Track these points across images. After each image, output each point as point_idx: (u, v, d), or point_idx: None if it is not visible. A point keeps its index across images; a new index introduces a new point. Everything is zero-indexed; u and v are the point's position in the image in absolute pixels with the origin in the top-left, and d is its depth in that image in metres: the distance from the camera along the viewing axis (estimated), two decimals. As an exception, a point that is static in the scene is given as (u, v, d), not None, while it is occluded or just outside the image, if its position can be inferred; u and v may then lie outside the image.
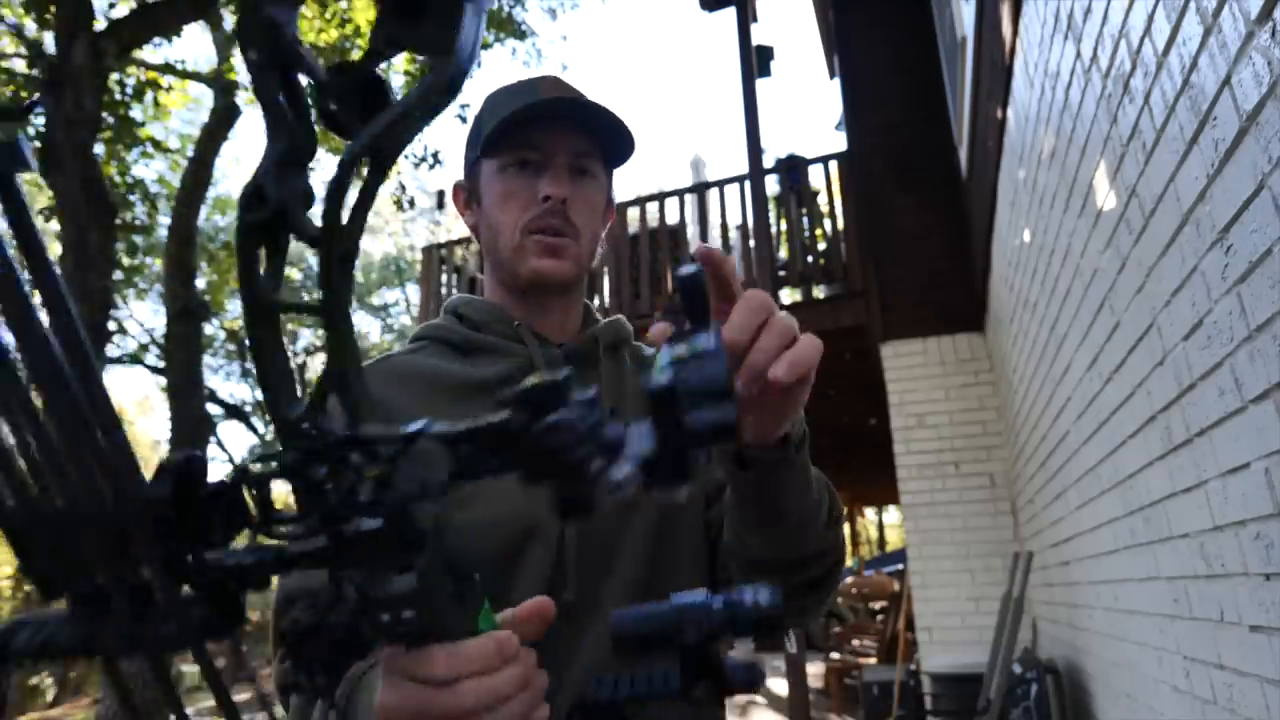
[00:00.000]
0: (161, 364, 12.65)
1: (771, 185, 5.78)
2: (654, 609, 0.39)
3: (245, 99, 8.45)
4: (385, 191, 9.98)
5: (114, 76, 7.05)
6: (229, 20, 8.37)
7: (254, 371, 0.32)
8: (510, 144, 0.82)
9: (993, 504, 4.53)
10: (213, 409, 14.08)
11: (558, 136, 0.82)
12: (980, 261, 4.42)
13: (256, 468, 0.30)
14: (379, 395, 0.76)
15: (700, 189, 5.94)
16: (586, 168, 0.84)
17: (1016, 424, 4.01)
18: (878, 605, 9.09)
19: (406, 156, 9.14)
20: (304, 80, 0.28)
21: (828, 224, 5.65)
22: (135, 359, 13.84)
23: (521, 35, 10.13)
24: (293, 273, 17.37)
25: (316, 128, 0.30)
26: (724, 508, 0.76)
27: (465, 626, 0.38)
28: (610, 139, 0.85)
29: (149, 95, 8.05)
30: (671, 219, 5.98)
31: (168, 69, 8.66)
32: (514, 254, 0.82)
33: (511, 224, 0.82)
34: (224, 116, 8.15)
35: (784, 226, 5.71)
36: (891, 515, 22.64)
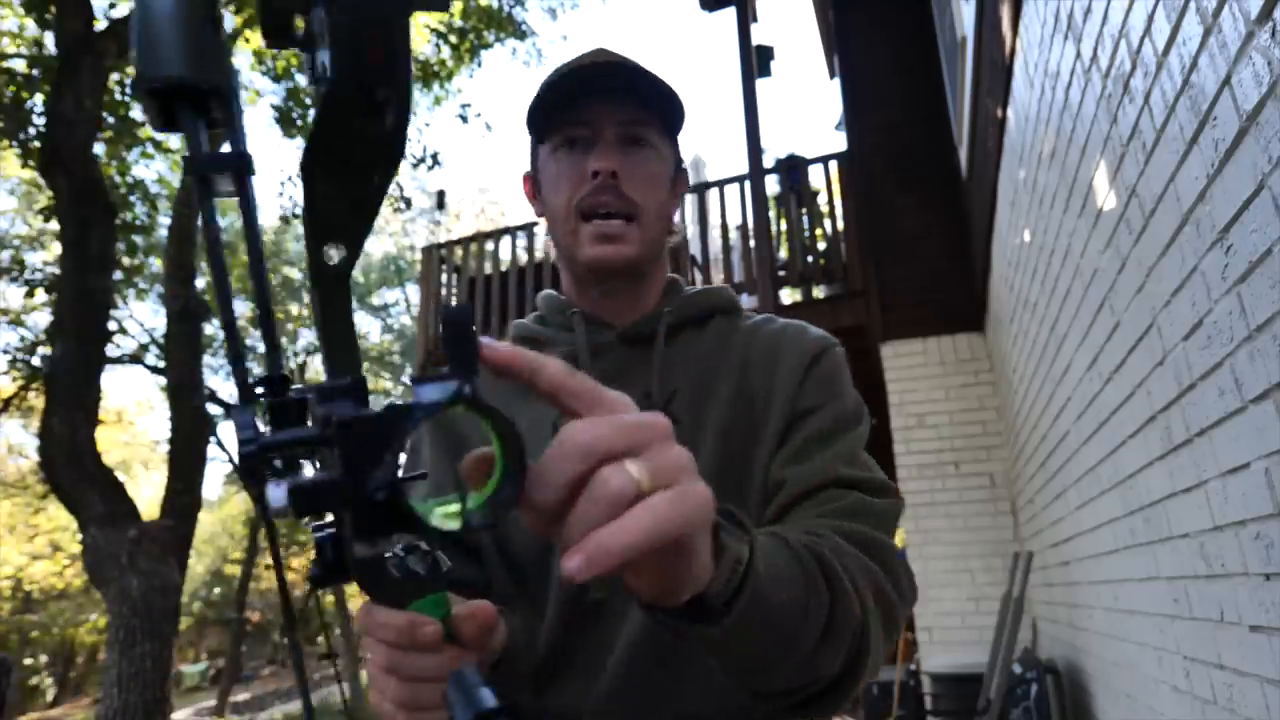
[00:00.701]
0: (161, 364, 12.65)
1: (771, 185, 5.78)
2: None
3: (245, 99, 8.45)
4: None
5: (114, 76, 7.04)
6: (229, 20, 8.36)
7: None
8: (559, 123, 0.78)
9: (993, 504, 4.53)
10: (213, 409, 14.08)
11: (603, 107, 0.76)
12: (980, 261, 4.42)
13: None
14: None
15: (700, 189, 5.94)
16: (640, 136, 0.78)
17: (1016, 424, 4.01)
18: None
19: (406, 157, 9.13)
20: None
21: (828, 224, 5.65)
22: (135, 359, 13.83)
23: (521, 35, 10.12)
24: (293, 273, 17.38)
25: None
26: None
27: (399, 600, 0.40)
28: (663, 104, 0.79)
29: (149, 95, 8.04)
30: (671, 219, 5.97)
31: (168, 69, 8.66)
32: (571, 238, 0.78)
33: (565, 205, 0.78)
34: (224, 116, 8.14)
35: (784, 226, 5.71)
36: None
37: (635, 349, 0.81)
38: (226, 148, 0.38)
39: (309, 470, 0.36)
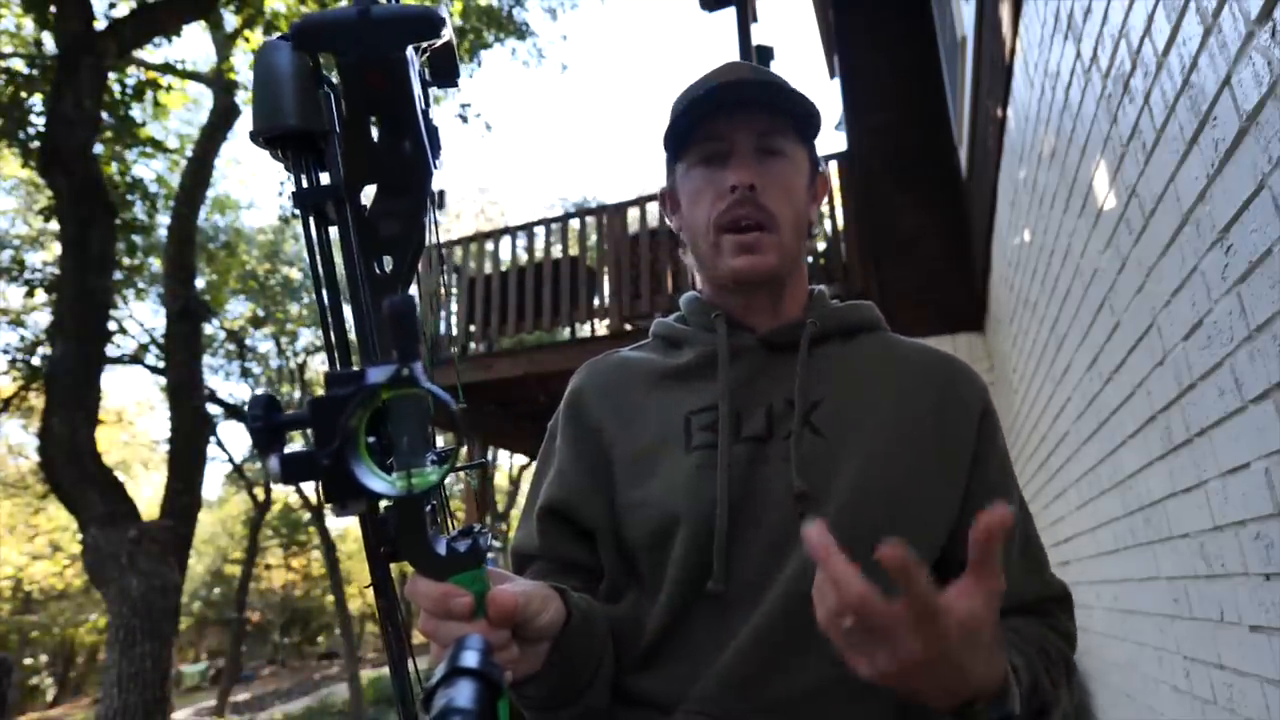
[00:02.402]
0: (161, 364, 12.65)
1: (771, 185, 5.78)
2: None
3: (244, 99, 8.45)
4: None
5: (114, 76, 7.04)
6: (229, 20, 8.37)
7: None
8: (695, 139, 0.80)
9: (993, 504, 4.52)
10: (213, 409, 14.08)
11: (738, 122, 0.78)
12: (980, 261, 4.42)
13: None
14: (604, 381, 0.87)
15: (700, 189, 5.94)
16: (775, 147, 0.79)
17: (1016, 424, 4.01)
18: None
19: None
20: None
21: (828, 224, 5.65)
22: (135, 359, 13.83)
23: (521, 35, 10.12)
24: (293, 273, 17.37)
25: None
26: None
27: (440, 574, 0.47)
28: (796, 110, 0.80)
29: (149, 95, 8.04)
30: (671, 219, 5.97)
31: (168, 69, 8.66)
32: (711, 252, 0.80)
33: (705, 221, 0.80)
34: (223, 116, 8.14)
35: (784, 226, 5.70)
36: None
37: (776, 355, 0.81)
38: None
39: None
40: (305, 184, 0.45)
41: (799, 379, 0.78)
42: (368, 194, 0.46)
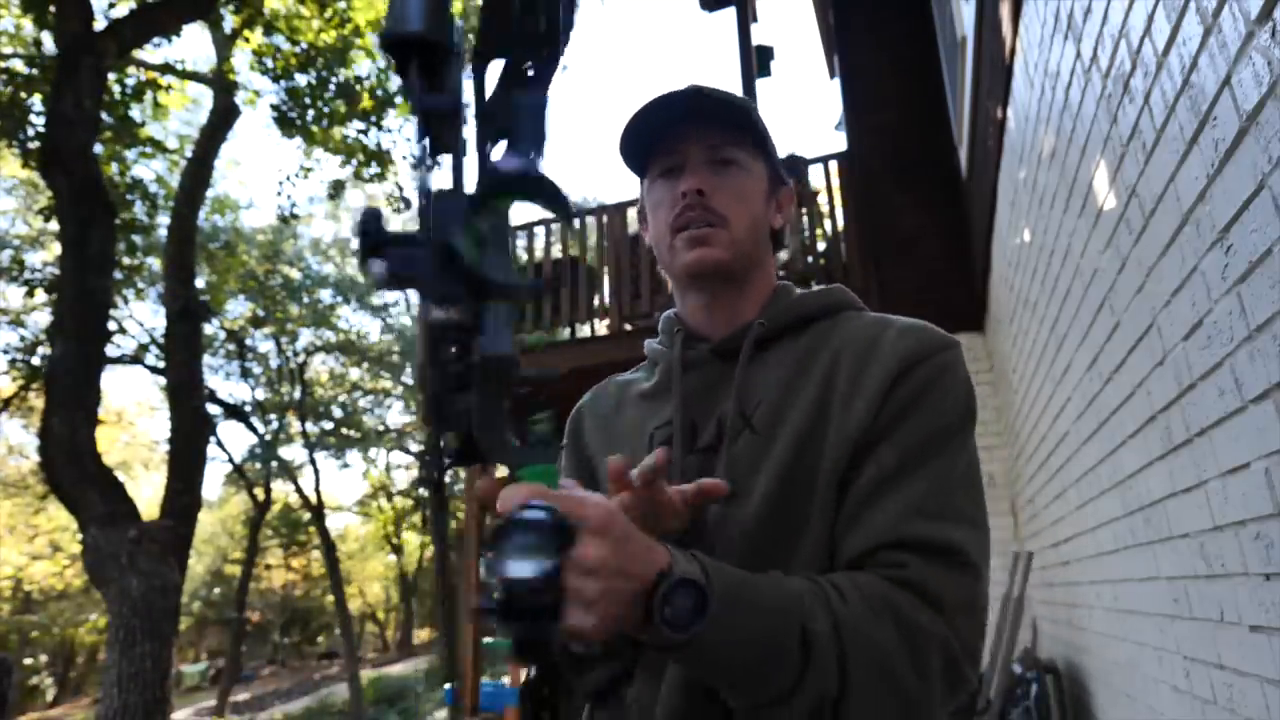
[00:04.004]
0: (161, 364, 12.64)
1: (771, 185, 5.77)
2: None
3: (244, 99, 8.46)
4: (382, 193, 9.97)
5: (114, 76, 7.04)
6: (229, 20, 8.36)
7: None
8: (654, 155, 0.85)
9: (993, 504, 4.49)
10: (213, 409, 14.08)
11: (690, 135, 0.82)
12: (980, 261, 4.42)
13: None
14: (598, 407, 0.93)
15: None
16: (729, 158, 0.83)
17: (1016, 424, 4.01)
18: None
19: (404, 157, 9.13)
20: None
21: (828, 224, 5.65)
22: (135, 359, 13.83)
23: (521, 35, 10.09)
24: (293, 273, 17.38)
25: None
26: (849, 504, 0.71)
27: (510, 461, 0.49)
28: (746, 122, 0.83)
29: (149, 95, 8.04)
30: (671, 219, 5.97)
31: (167, 69, 8.66)
32: (669, 255, 0.84)
33: (664, 228, 0.84)
34: (223, 116, 8.14)
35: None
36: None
37: (729, 363, 0.83)
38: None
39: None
40: (424, 92, 0.45)
41: (735, 385, 0.80)
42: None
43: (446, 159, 0.46)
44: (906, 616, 0.63)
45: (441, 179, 0.45)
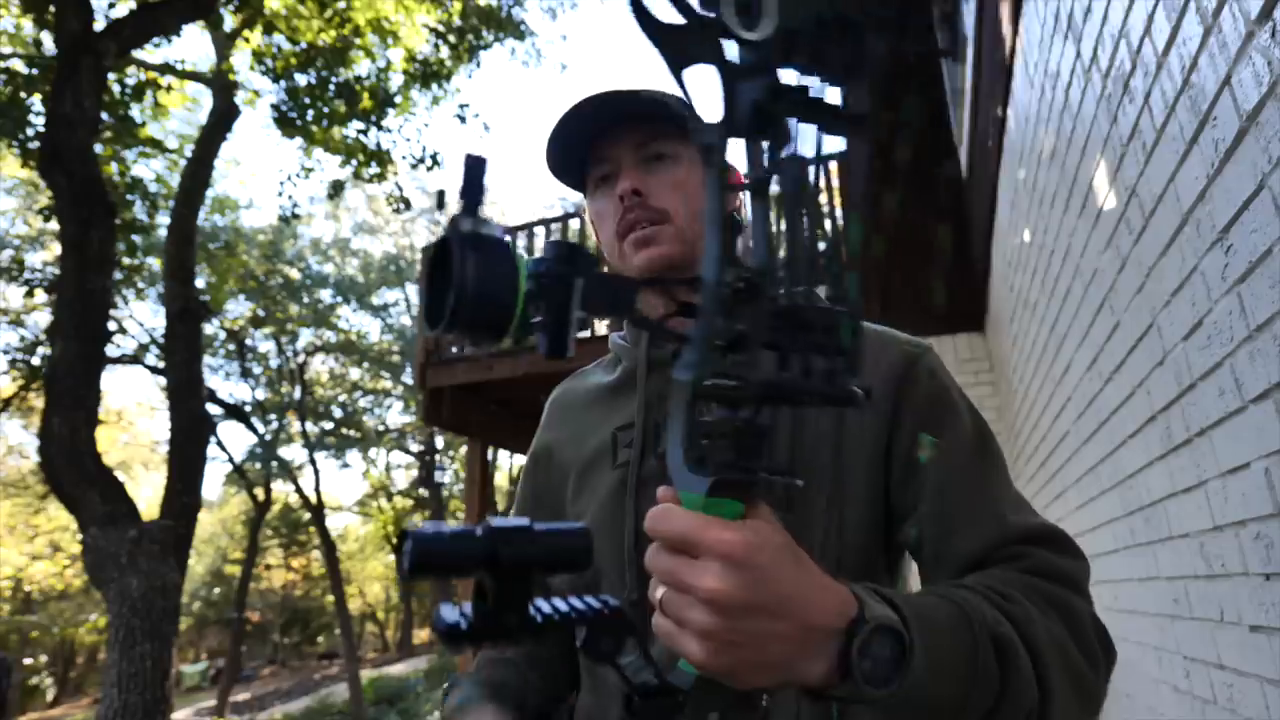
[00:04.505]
0: (161, 364, 12.64)
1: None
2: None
3: (244, 99, 8.46)
4: (382, 193, 9.97)
5: (113, 76, 7.04)
6: (229, 20, 8.37)
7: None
8: (587, 168, 0.85)
9: (993, 504, 4.52)
10: (213, 409, 14.08)
11: (613, 139, 0.82)
12: (980, 261, 4.42)
13: None
14: (566, 399, 0.95)
15: (700, 189, 5.94)
16: (658, 152, 0.82)
17: (1016, 424, 4.01)
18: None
19: (404, 157, 9.14)
20: None
21: (828, 224, 5.64)
22: (135, 359, 13.83)
23: (521, 35, 10.12)
24: (293, 273, 17.38)
25: None
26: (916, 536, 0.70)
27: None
28: (667, 112, 0.82)
29: (149, 95, 8.04)
30: (671, 219, 5.98)
31: (167, 69, 8.66)
32: (621, 263, 0.83)
33: (610, 237, 0.84)
34: (223, 116, 8.14)
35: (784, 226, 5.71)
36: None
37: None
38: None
39: None
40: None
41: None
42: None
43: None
44: (1061, 600, 0.61)
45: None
